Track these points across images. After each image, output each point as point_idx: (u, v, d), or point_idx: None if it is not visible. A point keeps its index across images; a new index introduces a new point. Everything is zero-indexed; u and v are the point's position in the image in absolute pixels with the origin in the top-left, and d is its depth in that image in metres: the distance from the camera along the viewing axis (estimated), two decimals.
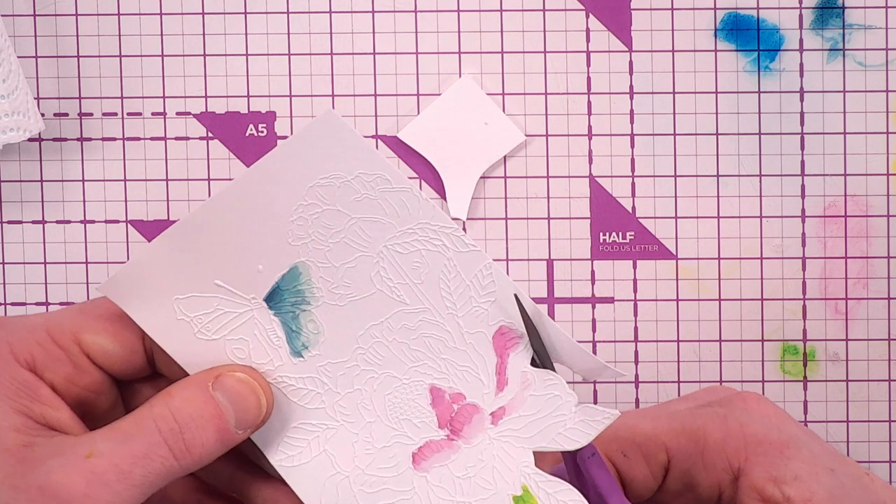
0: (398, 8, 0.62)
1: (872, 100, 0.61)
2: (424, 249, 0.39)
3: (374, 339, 0.39)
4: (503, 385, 0.40)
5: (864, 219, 0.62)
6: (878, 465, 0.62)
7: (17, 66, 0.59)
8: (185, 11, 0.62)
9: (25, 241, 0.62)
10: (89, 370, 0.39)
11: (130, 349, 0.40)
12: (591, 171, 0.62)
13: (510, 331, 0.40)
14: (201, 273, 0.38)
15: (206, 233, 0.38)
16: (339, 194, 0.39)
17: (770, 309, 0.62)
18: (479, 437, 0.40)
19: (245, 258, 0.39)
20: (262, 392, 0.39)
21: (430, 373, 0.40)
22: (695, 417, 0.41)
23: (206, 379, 0.38)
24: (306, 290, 0.39)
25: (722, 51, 0.61)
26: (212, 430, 0.38)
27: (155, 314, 0.39)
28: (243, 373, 0.39)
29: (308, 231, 0.39)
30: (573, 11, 0.61)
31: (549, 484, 0.39)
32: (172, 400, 0.38)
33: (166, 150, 0.62)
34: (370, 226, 0.39)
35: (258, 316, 0.39)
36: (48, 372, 0.38)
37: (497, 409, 0.40)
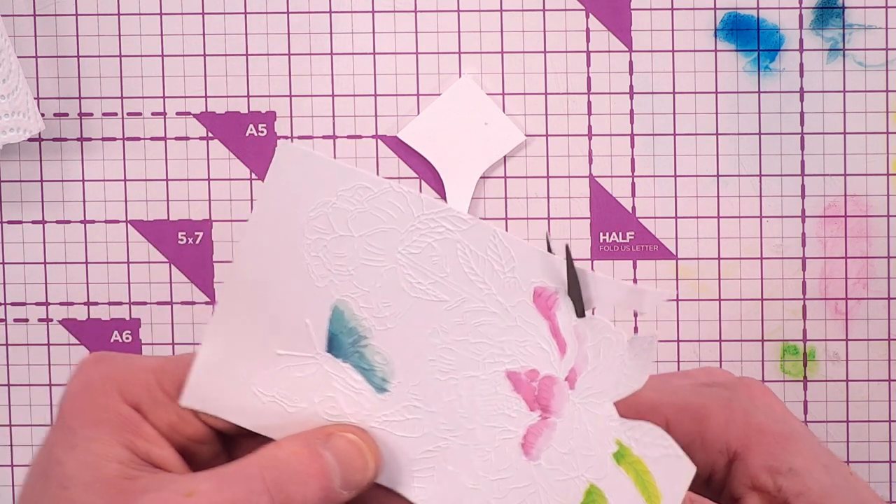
0: (398, 8, 0.62)
1: (872, 100, 0.61)
2: (434, 241, 0.39)
3: (437, 346, 0.39)
4: (563, 346, 0.39)
5: (864, 219, 0.62)
6: (878, 465, 0.62)
7: (17, 66, 0.59)
8: (185, 11, 0.62)
9: (25, 241, 0.62)
10: (192, 420, 0.39)
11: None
12: (591, 171, 0.62)
13: (544, 290, 0.40)
14: (260, 350, 0.38)
15: (244, 310, 0.38)
16: (333, 220, 0.38)
17: (770, 309, 0.62)
18: (566, 407, 0.39)
19: (289, 318, 0.38)
20: (370, 454, 0.39)
21: (500, 360, 0.39)
22: (699, 396, 0.41)
23: (316, 436, 0.38)
24: (357, 326, 0.39)
25: (722, 51, 0.61)
26: (315, 487, 0.37)
27: (243, 406, 0.39)
28: (353, 434, 0.39)
29: (327, 267, 0.38)
30: (573, 11, 0.61)
31: (635, 429, 0.39)
32: (280, 451, 0.37)
33: (166, 150, 0.62)
34: (376, 238, 0.39)
35: (330, 368, 0.39)
36: (152, 416, 0.38)
37: (569, 372, 0.39)
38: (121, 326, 0.63)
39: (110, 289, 0.63)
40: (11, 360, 0.63)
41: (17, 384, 0.63)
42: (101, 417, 0.37)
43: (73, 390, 0.38)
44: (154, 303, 0.63)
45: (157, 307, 0.63)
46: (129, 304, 0.63)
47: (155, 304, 0.63)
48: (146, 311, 0.63)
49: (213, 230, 0.62)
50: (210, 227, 0.62)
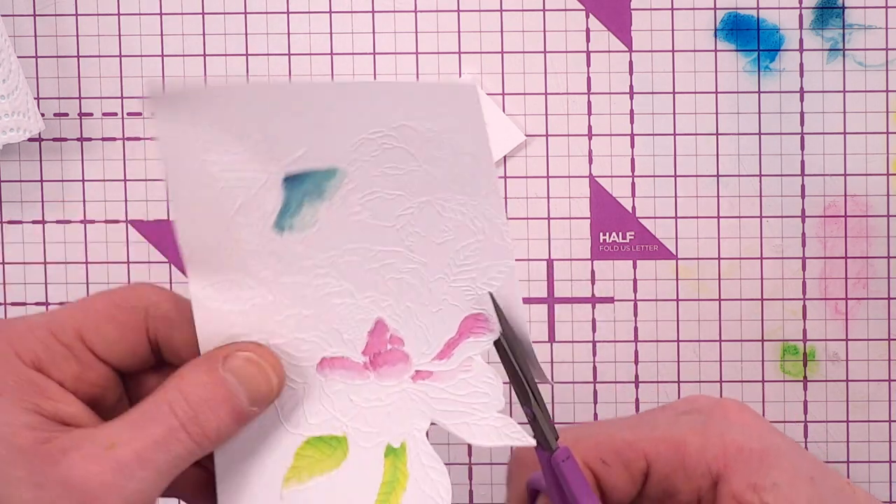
0: (398, 8, 0.62)
1: (872, 100, 0.61)
2: (462, 223, 0.40)
3: (357, 256, 0.40)
4: (445, 356, 0.41)
5: (864, 219, 0.62)
6: (878, 465, 0.62)
7: (17, 66, 0.59)
8: (185, 11, 0.62)
9: (25, 241, 0.62)
10: (95, 366, 0.39)
11: (135, 341, 0.40)
12: (591, 171, 0.62)
13: (485, 320, 0.41)
14: (251, 122, 0.39)
15: (276, 103, 0.39)
16: (423, 144, 0.39)
17: (770, 309, 0.62)
18: (391, 381, 0.41)
19: (294, 138, 0.39)
20: (271, 367, 0.39)
21: (387, 310, 0.40)
22: (675, 425, 0.41)
23: (214, 360, 0.38)
24: (328, 190, 0.39)
25: (722, 51, 0.61)
26: (225, 412, 0.38)
27: (180, 133, 0.38)
28: (249, 351, 0.39)
29: (371, 153, 0.39)
30: (573, 11, 0.61)
31: (429, 457, 0.40)
32: (183, 383, 0.38)
33: None
34: (430, 179, 0.40)
35: (270, 181, 0.39)
36: (55, 370, 0.38)
37: (425, 370, 0.40)
38: None
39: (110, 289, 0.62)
40: None
41: None
42: (2, 384, 0.37)
43: None
44: None
45: None
46: None
47: None
48: None
49: None
50: None
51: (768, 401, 0.62)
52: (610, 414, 0.62)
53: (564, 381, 0.63)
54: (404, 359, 0.41)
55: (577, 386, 0.63)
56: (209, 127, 0.38)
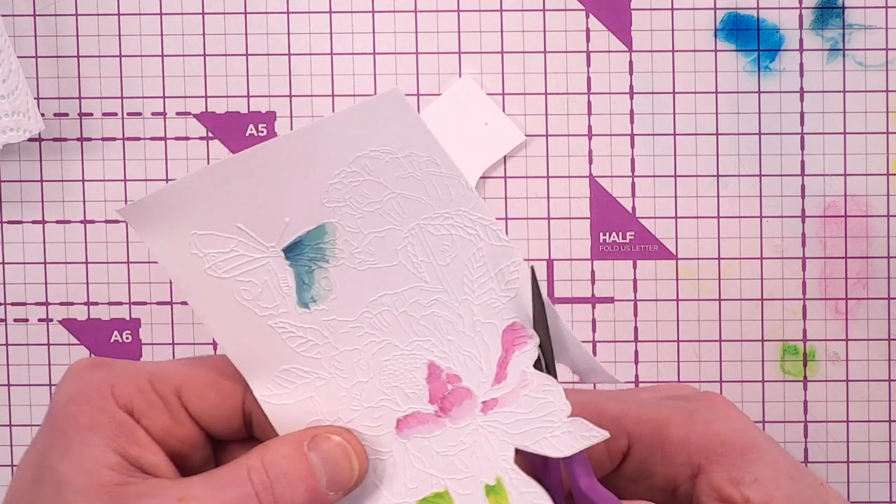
0: (398, 8, 0.62)
1: (872, 100, 0.61)
2: (457, 235, 0.40)
3: (385, 307, 0.40)
4: (501, 378, 0.40)
5: (864, 219, 0.62)
6: (878, 465, 0.62)
7: (17, 66, 0.59)
8: (185, 11, 0.62)
9: (25, 241, 0.62)
10: (186, 424, 0.39)
11: (231, 409, 0.40)
12: (591, 171, 0.62)
13: (521, 328, 0.40)
14: (226, 214, 0.39)
15: (241, 177, 0.39)
16: (384, 168, 0.39)
17: (770, 309, 0.62)
18: (465, 421, 0.40)
19: (274, 208, 0.39)
20: (356, 456, 0.39)
21: (433, 350, 0.40)
22: (661, 408, 0.41)
23: (302, 438, 0.39)
24: (328, 249, 0.40)
25: (722, 51, 0.61)
26: (302, 489, 0.38)
27: (170, 244, 0.39)
28: (340, 436, 0.39)
29: (345, 196, 0.39)
30: (573, 11, 0.61)
31: (524, 483, 0.40)
32: (267, 454, 0.38)
33: (166, 150, 0.62)
34: (408, 203, 0.40)
35: (273, 264, 0.39)
36: (145, 419, 0.39)
37: (490, 399, 0.40)
38: (121, 326, 0.63)
39: (110, 289, 0.63)
40: (11, 361, 0.63)
41: (17, 384, 0.63)
42: (95, 422, 0.38)
43: (67, 394, 0.38)
44: (154, 303, 0.63)
45: (157, 307, 0.63)
46: (129, 304, 0.63)
47: (155, 304, 0.63)
48: (146, 311, 0.63)
49: None
50: None
51: (768, 401, 0.62)
52: None
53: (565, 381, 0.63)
54: (468, 394, 0.40)
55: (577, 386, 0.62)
56: (189, 224, 0.38)
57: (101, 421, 0.38)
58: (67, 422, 0.37)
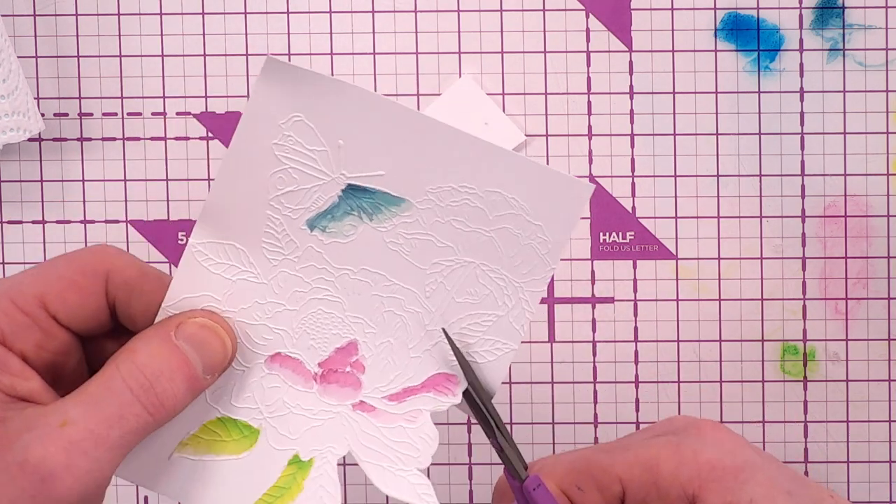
0: (398, 8, 0.62)
1: (872, 100, 0.61)
2: (492, 294, 0.40)
3: (367, 282, 0.40)
4: (396, 399, 0.41)
5: (864, 219, 0.62)
6: (878, 465, 0.62)
7: (17, 66, 0.59)
8: (185, 11, 0.62)
9: (25, 241, 0.62)
10: (57, 333, 0.38)
11: (95, 304, 0.39)
12: (591, 171, 0.62)
13: (452, 384, 0.41)
14: (339, 127, 0.39)
15: (386, 118, 0.39)
16: (505, 215, 0.40)
17: (770, 309, 0.62)
18: (332, 400, 0.41)
19: (382, 156, 0.39)
20: (226, 334, 0.39)
21: (367, 338, 0.41)
22: (648, 447, 0.41)
23: (167, 329, 0.38)
24: (384, 215, 0.40)
25: (722, 51, 0.61)
26: (181, 380, 0.37)
27: (269, 104, 0.38)
28: (203, 318, 0.39)
29: (448, 201, 0.40)
30: (573, 11, 0.61)
31: (330, 481, 0.41)
32: (137, 356, 0.37)
33: (166, 150, 0.62)
34: (490, 247, 0.40)
35: (329, 184, 0.39)
36: (17, 341, 0.38)
37: (370, 404, 0.41)
38: None
39: None
40: None
41: None
42: None
43: None
44: None
45: None
46: None
47: None
48: None
49: None
50: None
51: (768, 401, 0.62)
52: (610, 414, 0.62)
53: (564, 381, 0.63)
54: (356, 385, 0.41)
55: (577, 386, 0.63)
56: (304, 108, 0.38)
57: None
58: None
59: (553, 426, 0.62)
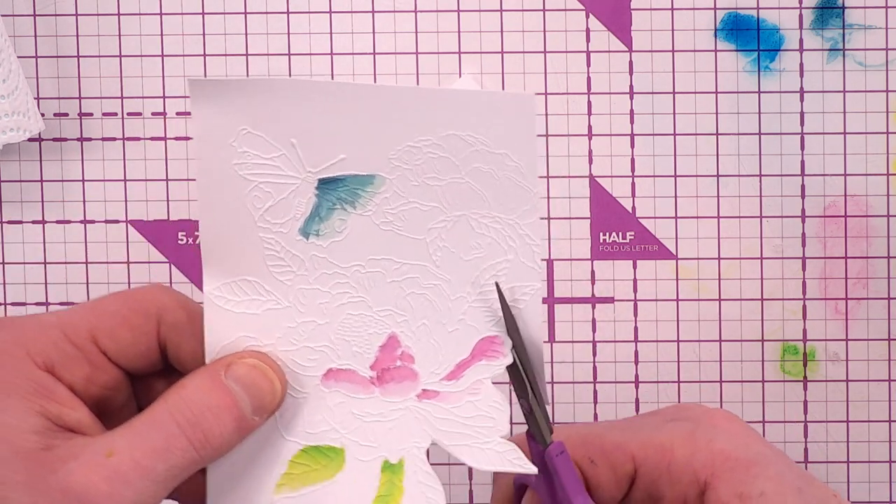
0: (398, 8, 0.62)
1: (872, 100, 0.61)
2: (494, 239, 0.40)
3: (379, 270, 0.40)
4: (455, 377, 0.40)
5: (864, 219, 0.62)
6: (878, 465, 0.62)
7: (17, 66, 0.59)
8: (185, 11, 0.62)
9: (25, 241, 0.62)
10: (106, 368, 0.39)
11: (146, 344, 0.39)
12: (591, 171, 0.62)
13: (500, 344, 0.40)
14: (287, 126, 0.38)
15: (324, 101, 0.38)
16: (470, 154, 0.39)
17: (770, 309, 0.62)
18: (396, 399, 0.40)
19: (335, 141, 0.39)
20: (275, 376, 0.39)
21: (402, 326, 0.40)
22: (663, 431, 0.41)
23: (217, 369, 0.38)
24: (363, 198, 0.39)
25: (722, 51, 0.61)
26: (228, 420, 0.37)
27: (214, 125, 0.38)
28: (254, 359, 0.39)
29: (414, 161, 0.39)
30: (573, 11, 0.61)
31: (425, 475, 0.40)
32: (185, 392, 0.37)
33: (166, 150, 0.62)
34: (470, 193, 0.39)
35: (302, 186, 0.39)
36: (66, 373, 0.38)
37: (432, 390, 0.40)
38: None
39: (110, 289, 0.62)
40: None
41: None
42: (11, 386, 0.37)
43: None
44: None
45: None
46: None
47: None
48: None
49: None
50: None
51: (768, 401, 0.62)
52: (610, 414, 0.62)
53: (564, 381, 0.63)
54: (412, 377, 0.40)
55: (576, 386, 0.63)
56: (246, 120, 0.38)
57: (17, 383, 0.37)
58: None
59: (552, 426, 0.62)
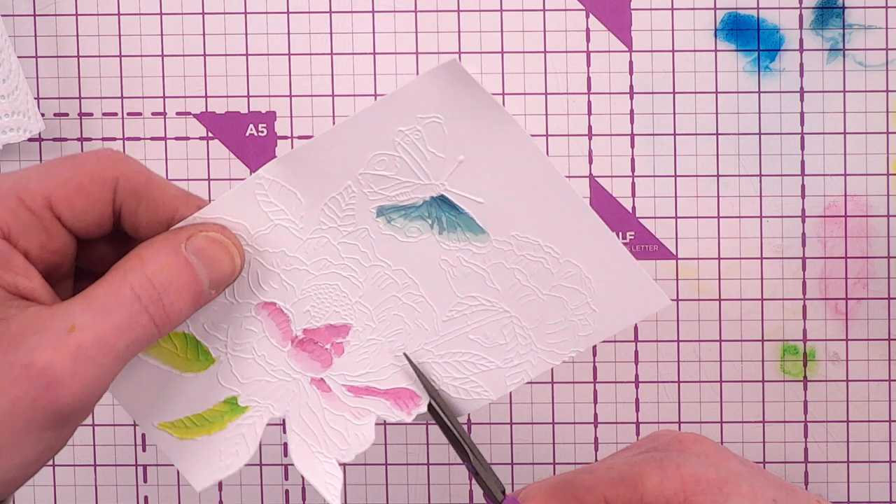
0: (398, 8, 0.62)
1: (872, 100, 0.61)
2: (514, 346, 0.41)
3: (400, 279, 0.40)
4: (355, 393, 0.41)
5: (864, 219, 0.62)
6: (878, 465, 0.62)
7: (17, 66, 0.59)
8: (185, 11, 0.62)
9: None
10: (59, 234, 0.38)
11: (101, 211, 0.38)
12: (591, 171, 0.62)
13: (413, 404, 0.42)
14: (467, 144, 0.39)
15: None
16: (570, 289, 0.40)
17: (770, 309, 0.62)
18: (297, 366, 0.41)
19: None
20: (236, 251, 0.38)
21: (365, 328, 0.41)
22: (631, 465, 0.41)
23: (178, 241, 0.37)
24: (453, 234, 0.40)
25: (722, 51, 0.61)
26: (188, 294, 0.37)
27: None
28: (215, 232, 0.38)
29: (523, 253, 0.40)
30: (573, 11, 0.61)
31: (252, 433, 0.41)
32: (147, 266, 0.36)
33: (166, 150, 0.62)
34: (533, 308, 0.40)
35: (425, 188, 0.39)
36: (22, 240, 0.37)
37: (329, 385, 0.41)
38: None
39: None
40: None
41: None
42: None
43: None
44: None
45: None
46: None
47: None
48: None
49: None
50: None
51: (768, 401, 0.62)
52: (610, 414, 0.62)
53: (564, 381, 0.63)
54: (326, 363, 0.41)
55: (577, 386, 0.63)
56: (451, 114, 0.39)
57: None
58: None
59: (553, 426, 0.62)
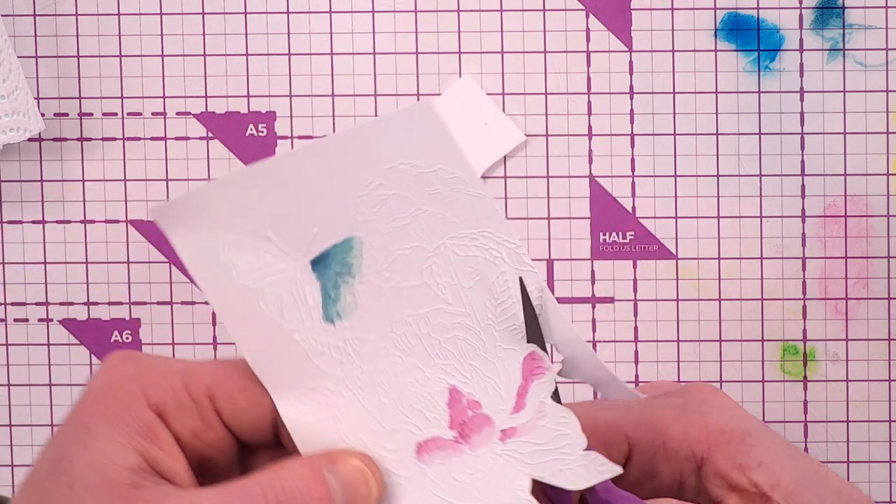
0: (398, 8, 0.62)
1: (872, 100, 0.61)
2: (482, 257, 0.39)
3: (409, 326, 0.39)
4: (520, 407, 0.40)
5: (864, 219, 0.62)
6: (878, 465, 0.62)
7: (17, 66, 0.59)
8: (185, 11, 0.62)
9: (25, 241, 0.62)
10: (216, 428, 0.38)
11: (260, 417, 0.39)
12: (591, 171, 0.62)
13: (540, 358, 0.40)
14: (256, 221, 0.38)
15: (271, 186, 0.38)
16: (412, 183, 0.39)
17: (770, 309, 0.62)
18: (484, 449, 0.40)
19: (302, 219, 0.38)
20: (375, 485, 0.39)
21: (455, 374, 0.40)
22: (654, 408, 0.41)
23: (321, 461, 0.38)
24: (354, 264, 0.39)
25: (722, 51, 0.61)
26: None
27: (198, 248, 0.38)
28: (359, 461, 0.39)
29: (373, 210, 0.39)
30: (573, 11, 0.61)
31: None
32: (283, 472, 0.37)
33: (166, 150, 0.62)
34: (435, 221, 0.39)
35: (300, 276, 0.39)
36: (175, 421, 0.38)
37: (509, 427, 0.40)
38: (121, 326, 0.63)
39: (110, 289, 0.63)
40: (11, 360, 0.63)
41: (17, 384, 0.63)
42: (119, 419, 0.37)
43: (97, 386, 0.37)
44: (154, 303, 0.63)
45: (157, 307, 0.63)
46: (129, 304, 0.63)
47: (155, 304, 0.63)
48: (146, 311, 0.63)
49: None
50: None
51: (768, 401, 0.62)
52: None
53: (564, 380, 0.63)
54: (488, 422, 0.40)
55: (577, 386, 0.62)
56: (220, 228, 0.38)
57: (125, 418, 0.37)
58: (91, 415, 0.37)
59: None
